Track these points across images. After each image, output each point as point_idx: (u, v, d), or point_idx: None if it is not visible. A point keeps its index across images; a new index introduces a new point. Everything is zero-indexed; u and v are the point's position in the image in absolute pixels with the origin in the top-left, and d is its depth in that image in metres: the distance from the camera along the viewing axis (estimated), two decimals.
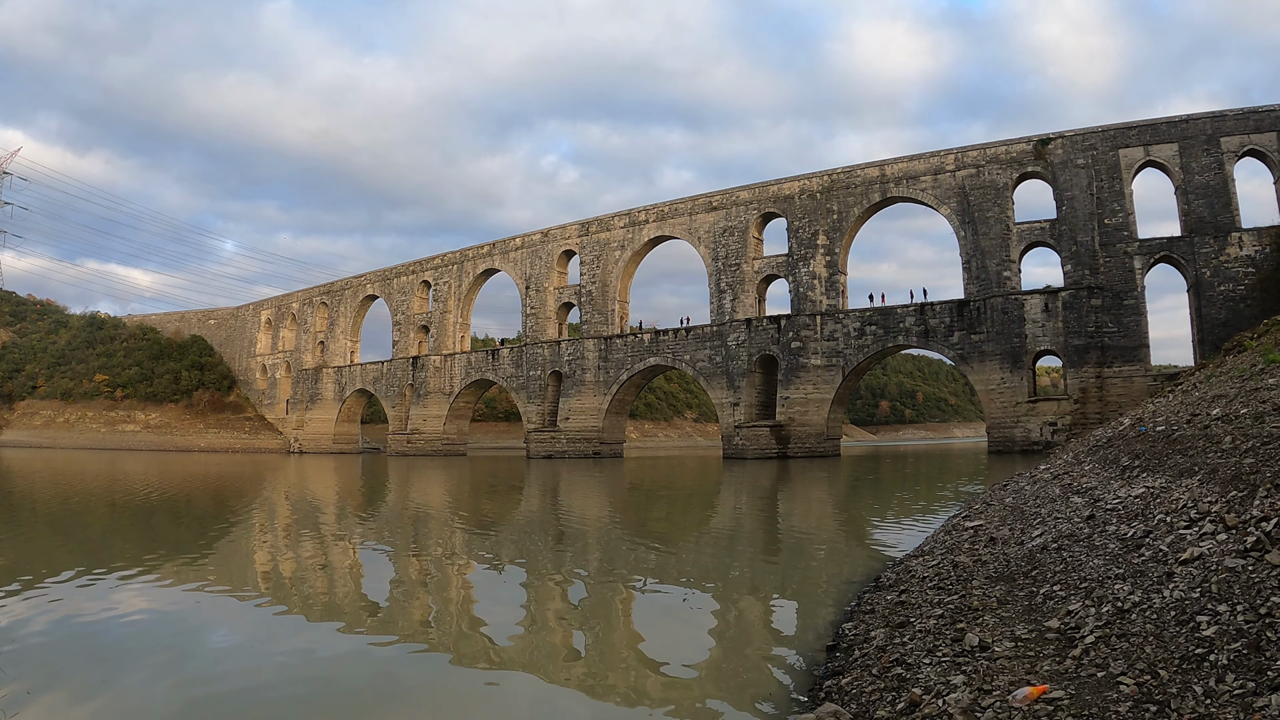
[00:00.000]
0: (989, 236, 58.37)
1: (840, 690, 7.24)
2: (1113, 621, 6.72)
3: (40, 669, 8.93)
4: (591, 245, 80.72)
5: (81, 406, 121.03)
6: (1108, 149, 55.19)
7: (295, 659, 9.72)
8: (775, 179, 70.23)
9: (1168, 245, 53.41)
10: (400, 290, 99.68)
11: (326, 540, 21.00)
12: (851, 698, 6.91)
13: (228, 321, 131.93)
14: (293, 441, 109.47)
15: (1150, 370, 53.70)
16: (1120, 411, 42.24)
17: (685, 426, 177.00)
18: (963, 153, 60.59)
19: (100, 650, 9.78)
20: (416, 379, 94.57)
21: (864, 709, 6.54)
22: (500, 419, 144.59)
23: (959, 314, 59.46)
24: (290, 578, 15.35)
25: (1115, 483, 13.06)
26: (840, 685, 7.38)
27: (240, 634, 10.96)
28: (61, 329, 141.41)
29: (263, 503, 33.11)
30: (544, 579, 15.05)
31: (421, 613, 12.35)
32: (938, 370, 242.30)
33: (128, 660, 9.50)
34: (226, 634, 10.92)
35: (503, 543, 20.33)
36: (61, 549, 19.07)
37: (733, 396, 69.14)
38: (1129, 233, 54.19)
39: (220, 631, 11.02)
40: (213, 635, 10.79)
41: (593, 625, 11.46)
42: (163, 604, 12.59)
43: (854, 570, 14.60)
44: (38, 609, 11.86)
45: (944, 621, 8.35)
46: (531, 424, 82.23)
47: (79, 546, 19.73)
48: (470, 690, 8.68)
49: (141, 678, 8.84)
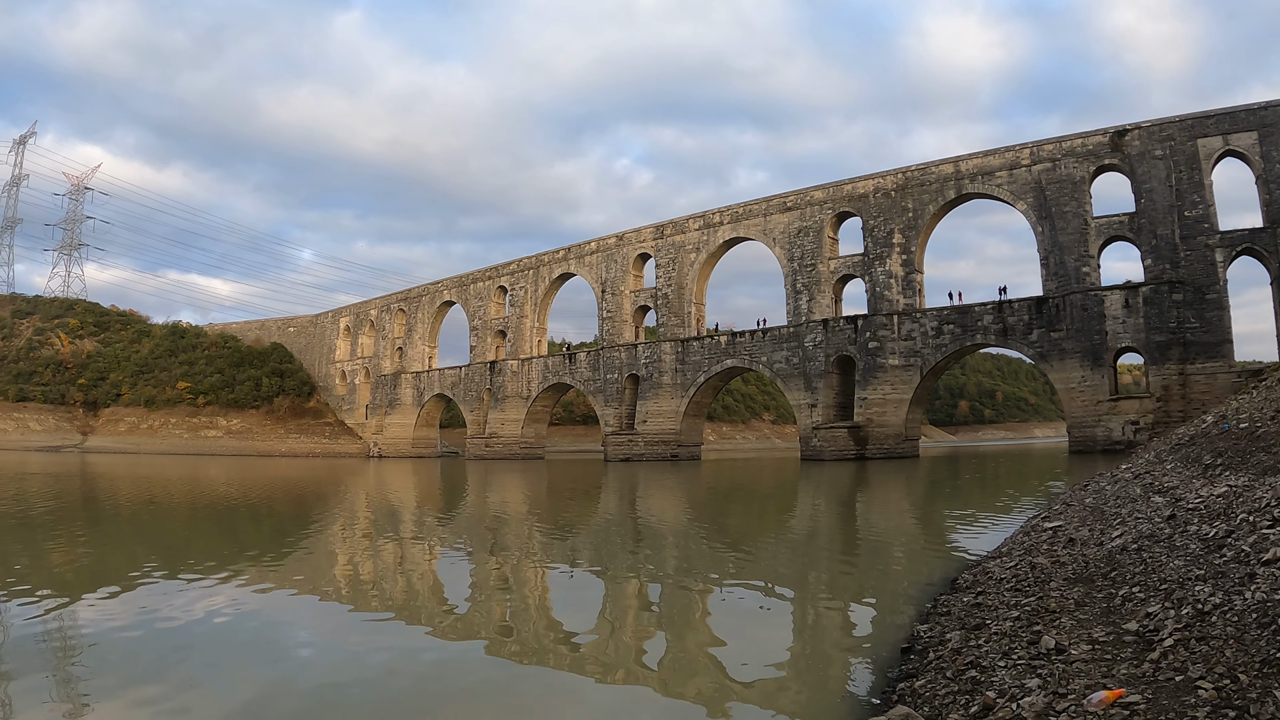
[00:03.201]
0: (1067, 231, 57.31)
1: (914, 693, 7.21)
2: (1192, 624, 6.63)
3: (125, 665, 9.17)
4: (666, 248, 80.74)
5: (164, 413, 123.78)
6: (1185, 139, 53.67)
7: (372, 658, 9.89)
8: (849, 178, 69.65)
9: (1249, 237, 51.82)
10: (477, 296, 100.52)
11: (405, 542, 21.29)
12: (925, 700, 6.88)
13: (307, 329, 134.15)
14: (372, 446, 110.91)
15: (1234, 366, 52.10)
16: (1203, 409, 41.34)
17: (763, 428, 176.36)
18: (1038, 147, 59.52)
19: (182, 648, 10.02)
20: (494, 383, 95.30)
21: (937, 712, 6.51)
22: (578, 422, 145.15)
23: (1038, 311, 58.46)
24: (369, 579, 15.61)
25: (1197, 481, 12.85)
26: (914, 688, 7.35)
27: (319, 633, 11.16)
28: (144, 338, 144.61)
29: (342, 506, 33.63)
30: (621, 581, 15.13)
31: (498, 613, 12.50)
32: (1017, 369, 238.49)
33: (209, 658, 9.72)
34: (305, 633, 11.12)
35: (580, 545, 20.44)
36: (145, 551, 19.58)
37: (810, 398, 68.73)
38: (1209, 225, 52.64)
39: (299, 631, 11.24)
40: (291, 634, 10.99)
41: (669, 627, 11.52)
42: (243, 604, 12.87)
43: (931, 572, 14.48)
44: (122, 608, 12.18)
45: (1020, 624, 8.27)
46: (609, 427, 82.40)
47: (162, 548, 20.25)
48: (545, 690, 8.77)
49: (222, 675, 9.05)
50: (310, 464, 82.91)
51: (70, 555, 18.23)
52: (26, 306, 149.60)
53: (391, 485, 46.62)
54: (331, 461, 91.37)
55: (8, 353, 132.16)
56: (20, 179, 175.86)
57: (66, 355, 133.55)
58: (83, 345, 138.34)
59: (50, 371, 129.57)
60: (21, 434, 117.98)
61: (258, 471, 63.16)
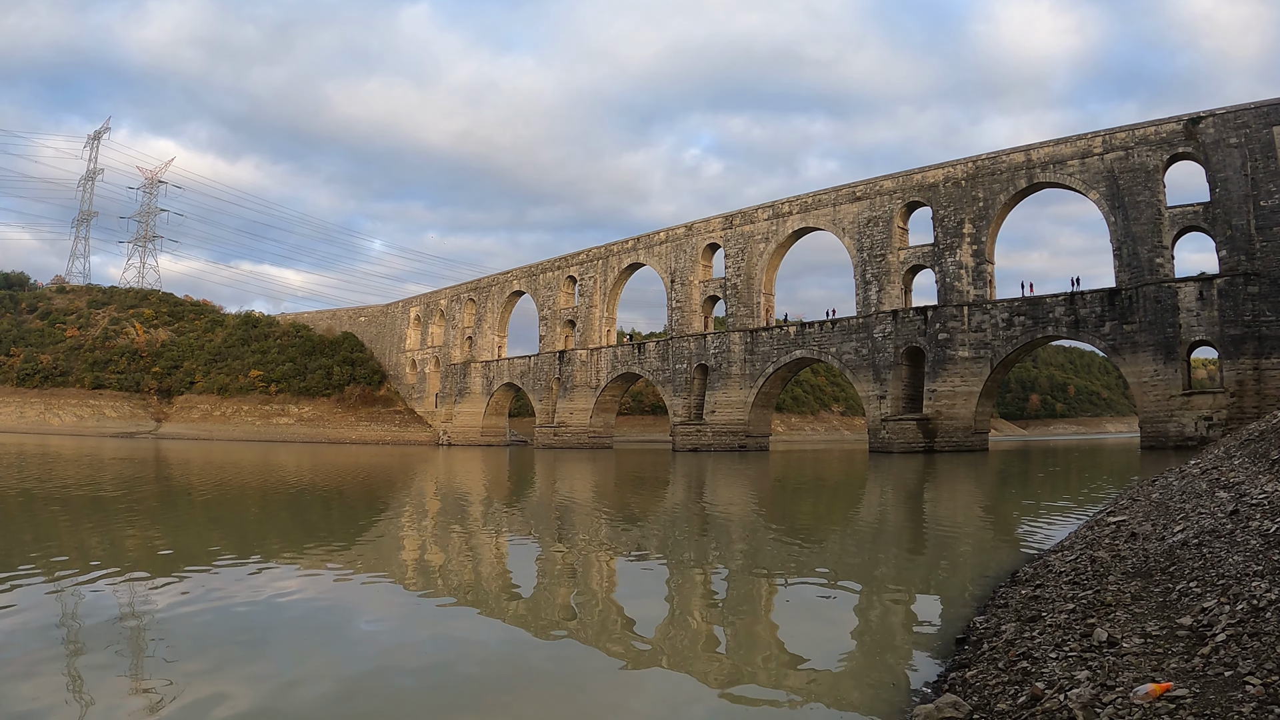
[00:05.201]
0: (1140, 222, 56.37)
1: (964, 682, 7.31)
2: (1246, 620, 6.65)
3: (195, 648, 9.43)
4: (735, 238, 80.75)
5: (237, 400, 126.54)
6: (1261, 126, 52.40)
7: (438, 644, 10.13)
8: (919, 167, 69.21)
9: None
10: (546, 286, 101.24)
11: (473, 529, 21.62)
12: (974, 690, 6.98)
13: (378, 318, 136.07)
14: (441, 434, 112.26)
15: None
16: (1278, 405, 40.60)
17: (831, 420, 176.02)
18: (1110, 135, 58.61)
19: (251, 631, 10.29)
20: (563, 373, 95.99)
21: (985, 701, 6.61)
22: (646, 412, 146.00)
23: (1110, 303, 57.65)
24: (437, 565, 15.91)
25: (1263, 477, 12.74)
26: (965, 678, 7.45)
27: (387, 619, 11.40)
28: (217, 327, 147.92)
29: (412, 493, 34.16)
30: (687, 571, 15.28)
31: (564, 601, 12.71)
32: (1090, 362, 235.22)
33: (277, 641, 9.98)
34: (373, 618, 11.34)
35: (647, 534, 20.62)
36: (217, 535, 20.08)
37: (879, 389, 68.47)
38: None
39: (367, 616, 11.45)
40: (360, 619, 11.21)
41: (731, 616, 11.68)
42: (313, 588, 13.17)
43: (996, 565, 14.48)
44: (194, 591, 12.51)
45: (1075, 616, 8.32)
46: (677, 417, 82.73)
47: (233, 533, 20.77)
48: (608, 677, 8.94)
49: (290, 658, 9.28)
50: (380, 451, 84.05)
51: (144, 538, 18.74)
52: (102, 297, 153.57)
53: (460, 473, 47.18)
54: (401, 449, 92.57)
55: (84, 342, 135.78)
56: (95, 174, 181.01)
57: (141, 344, 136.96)
58: (157, 334, 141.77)
59: (125, 360, 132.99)
60: (98, 420, 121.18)
61: (328, 458, 64.28)
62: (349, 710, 7.56)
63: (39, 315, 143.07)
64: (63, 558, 15.12)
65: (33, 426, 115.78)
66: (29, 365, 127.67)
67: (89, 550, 16.34)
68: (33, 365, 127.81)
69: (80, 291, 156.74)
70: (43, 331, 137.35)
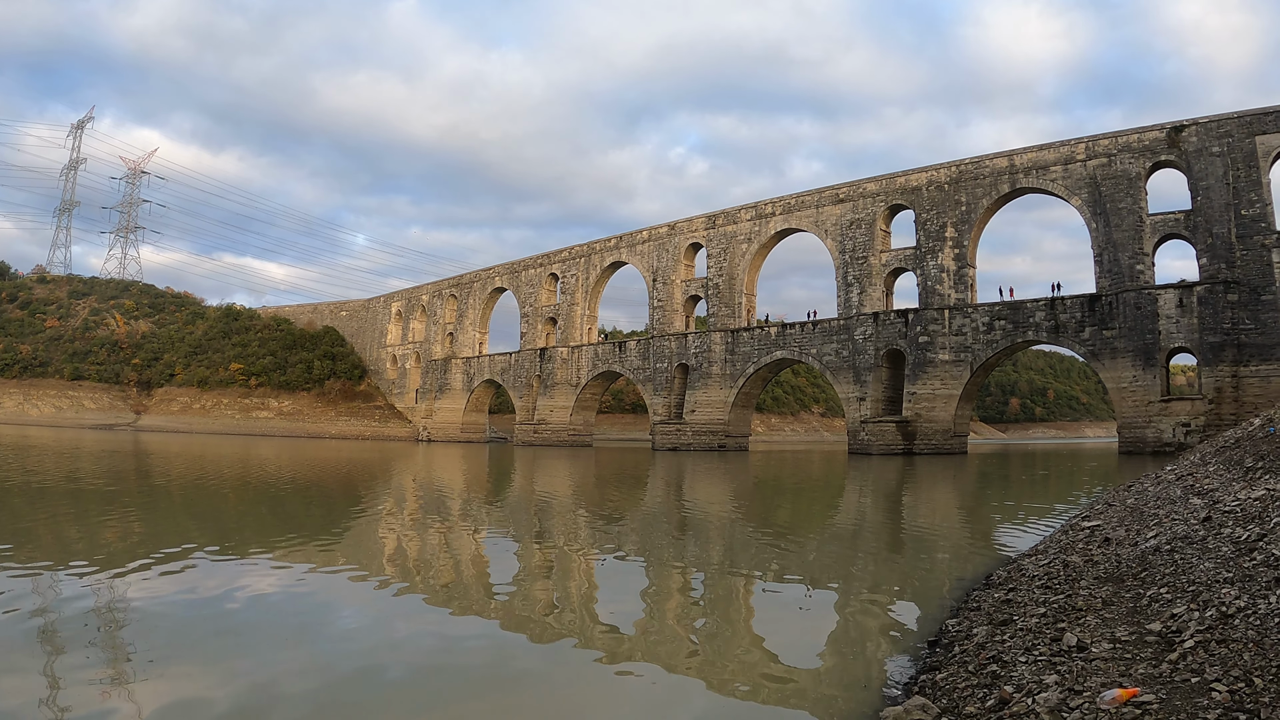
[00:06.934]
0: (1121, 228, 56.67)
1: (934, 685, 7.35)
2: (1215, 626, 6.70)
3: (172, 641, 9.41)
4: (718, 238, 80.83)
5: (217, 394, 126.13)
6: (1244, 135, 52.77)
7: (417, 640, 10.14)
8: (902, 170, 69.48)
9: None
10: (528, 283, 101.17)
11: (452, 526, 21.59)
12: (943, 693, 7.02)
13: (359, 313, 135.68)
14: (421, 430, 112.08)
15: None
16: (1256, 412, 40.82)
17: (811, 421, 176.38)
18: (1094, 141, 58.90)
19: (229, 625, 10.27)
20: (544, 370, 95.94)
21: (954, 704, 6.65)
22: (627, 410, 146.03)
23: (1090, 309, 57.92)
24: (416, 562, 15.90)
25: (1236, 484, 12.83)
26: (934, 680, 7.49)
27: (365, 614, 11.37)
28: (198, 320, 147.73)
29: (391, 488, 34.11)
30: (666, 570, 15.32)
31: (543, 599, 12.71)
32: (1069, 367, 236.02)
33: (255, 635, 9.96)
34: (351, 614, 11.31)
35: (626, 533, 20.64)
36: (195, 528, 20.01)
37: (859, 391, 68.65)
38: (1267, 224, 51.73)
39: (345, 611, 11.43)
40: (338, 614, 11.18)
41: (709, 617, 11.70)
42: (291, 583, 13.16)
43: (972, 568, 14.56)
44: (171, 584, 12.50)
45: (1046, 620, 8.38)
46: (657, 416, 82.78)
47: (212, 526, 20.72)
48: (587, 676, 8.96)
49: (268, 652, 9.29)
50: (360, 446, 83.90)
51: (122, 530, 18.71)
52: (83, 288, 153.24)
53: (440, 469, 47.11)
54: (381, 444, 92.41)
55: (64, 332, 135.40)
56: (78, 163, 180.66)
57: (121, 336, 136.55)
58: (137, 326, 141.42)
59: (105, 351, 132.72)
60: (76, 412, 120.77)
61: (308, 452, 64.10)
62: (329, 706, 7.54)
63: (19, 305, 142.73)
64: (38, 550, 15.07)
65: (11, 417, 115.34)
66: (8, 355, 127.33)
67: (65, 542, 16.28)
68: (12, 355, 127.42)
69: (61, 282, 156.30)
70: (22, 321, 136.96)
